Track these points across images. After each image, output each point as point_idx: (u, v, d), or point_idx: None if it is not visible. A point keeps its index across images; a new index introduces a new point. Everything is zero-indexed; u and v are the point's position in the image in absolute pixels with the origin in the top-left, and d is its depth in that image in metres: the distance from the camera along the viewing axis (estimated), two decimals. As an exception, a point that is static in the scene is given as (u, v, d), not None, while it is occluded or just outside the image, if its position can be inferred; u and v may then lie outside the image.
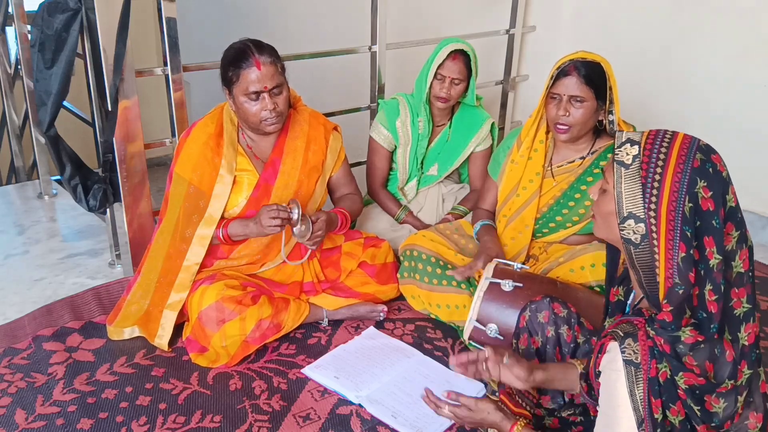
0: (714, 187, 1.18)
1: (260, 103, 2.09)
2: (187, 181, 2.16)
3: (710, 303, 1.19)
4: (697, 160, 1.19)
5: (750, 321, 1.21)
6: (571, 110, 2.11)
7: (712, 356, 1.20)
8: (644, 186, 1.21)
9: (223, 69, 2.12)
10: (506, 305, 1.96)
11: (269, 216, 2.06)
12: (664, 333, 1.21)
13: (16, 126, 3.43)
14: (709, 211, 1.17)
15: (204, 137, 2.17)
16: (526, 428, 1.45)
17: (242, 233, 2.17)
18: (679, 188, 1.18)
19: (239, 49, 2.09)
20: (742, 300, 1.21)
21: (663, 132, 1.25)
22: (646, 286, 1.24)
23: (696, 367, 1.20)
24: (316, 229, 2.16)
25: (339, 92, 3.84)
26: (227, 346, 2.06)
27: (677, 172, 1.19)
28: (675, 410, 1.22)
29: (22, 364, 2.05)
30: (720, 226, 1.18)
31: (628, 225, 1.21)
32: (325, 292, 2.32)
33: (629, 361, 1.22)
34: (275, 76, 2.08)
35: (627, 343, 1.23)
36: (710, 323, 1.19)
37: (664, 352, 1.21)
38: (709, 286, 1.18)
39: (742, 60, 2.89)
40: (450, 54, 2.51)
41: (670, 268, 1.19)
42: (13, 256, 2.76)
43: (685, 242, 1.18)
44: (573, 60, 2.10)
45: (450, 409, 1.52)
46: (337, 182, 2.44)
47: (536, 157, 2.29)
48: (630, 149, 1.24)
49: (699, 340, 1.19)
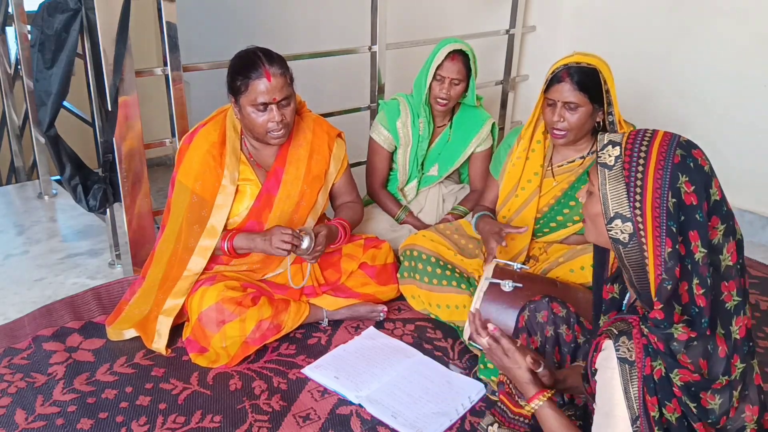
0: (696, 181, 1.19)
1: (267, 114, 2.05)
2: (190, 189, 2.12)
3: (698, 297, 1.20)
4: (678, 156, 1.20)
5: (741, 314, 1.22)
6: (566, 116, 2.11)
7: (705, 353, 1.20)
8: (628, 185, 1.22)
9: (231, 77, 2.07)
10: (506, 305, 1.96)
11: (282, 239, 2.04)
12: (657, 331, 1.22)
13: (16, 126, 3.42)
14: (693, 205, 1.19)
15: (206, 145, 2.14)
16: (549, 401, 1.41)
17: (247, 247, 2.15)
18: (662, 185, 1.19)
19: (249, 59, 2.04)
20: (732, 293, 1.22)
21: (643, 131, 1.27)
22: (637, 285, 1.25)
23: (690, 365, 1.20)
24: (317, 245, 2.13)
25: (339, 92, 3.85)
26: (227, 347, 2.06)
27: (658, 169, 1.20)
28: (671, 407, 1.23)
29: (22, 364, 2.05)
30: (704, 220, 1.19)
31: (615, 225, 1.23)
32: (325, 293, 2.32)
33: (624, 359, 1.22)
34: (284, 88, 2.05)
35: (621, 341, 1.24)
36: (701, 318, 1.20)
37: (658, 350, 1.22)
38: (696, 280, 1.19)
39: (743, 60, 2.89)
40: (449, 54, 2.51)
41: (658, 264, 1.20)
42: (13, 256, 2.76)
43: (670, 237, 1.19)
44: (567, 65, 2.08)
45: (488, 341, 1.50)
46: (339, 190, 2.41)
47: (534, 156, 2.29)
48: (612, 150, 1.25)
49: (692, 337, 1.20)
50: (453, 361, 2.13)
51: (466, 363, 2.12)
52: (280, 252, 2.07)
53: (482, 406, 1.92)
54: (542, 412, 1.41)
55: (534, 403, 1.42)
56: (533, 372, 1.46)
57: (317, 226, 2.23)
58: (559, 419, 1.39)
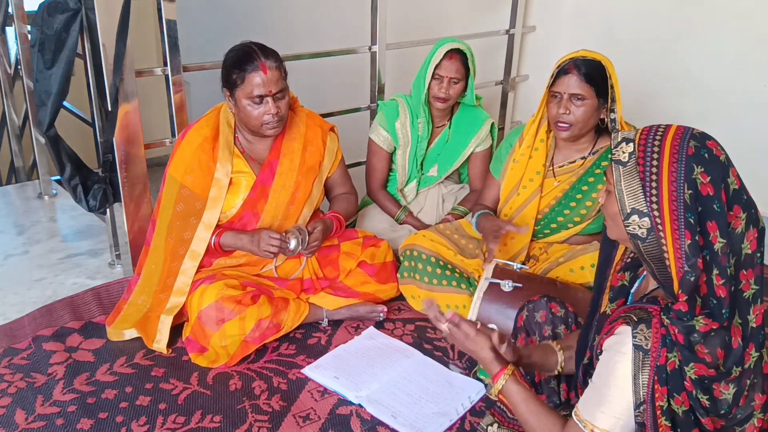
0: (712, 171, 1.19)
1: (263, 107, 2.09)
2: (180, 183, 2.16)
3: (718, 288, 1.20)
4: (692, 148, 1.20)
5: (758, 303, 1.22)
6: (572, 108, 2.11)
7: (723, 343, 1.21)
8: (643, 180, 1.22)
9: (226, 71, 2.11)
10: (506, 305, 1.96)
11: (269, 243, 2.12)
12: (679, 323, 1.22)
13: (16, 126, 3.42)
14: (709, 195, 1.18)
15: (199, 140, 2.17)
16: (512, 377, 1.42)
17: (233, 245, 2.20)
18: (677, 177, 1.19)
19: (244, 52, 2.08)
20: (750, 282, 1.22)
21: (656, 127, 1.27)
22: (660, 277, 1.25)
23: (708, 355, 1.20)
24: (312, 240, 2.22)
25: (339, 92, 3.84)
26: (227, 346, 2.06)
27: (673, 162, 1.20)
28: (679, 400, 1.23)
29: (22, 364, 2.05)
30: (721, 210, 1.18)
31: (633, 221, 1.23)
32: (324, 291, 2.32)
33: (639, 346, 1.23)
34: (279, 80, 2.09)
35: (640, 329, 1.24)
36: (721, 308, 1.20)
37: (677, 342, 1.22)
38: (716, 270, 1.19)
39: (743, 60, 2.89)
40: (446, 54, 2.51)
41: (679, 257, 1.20)
42: (13, 256, 2.76)
43: (689, 229, 1.19)
44: (574, 58, 2.10)
45: (448, 326, 1.51)
46: (334, 182, 2.46)
47: (537, 156, 2.29)
48: (626, 147, 1.26)
49: (713, 328, 1.20)
50: (453, 361, 2.13)
51: (466, 363, 2.12)
52: (267, 255, 2.14)
53: (482, 406, 1.92)
54: (507, 387, 1.42)
55: (499, 379, 1.43)
56: (495, 351, 1.47)
57: (313, 222, 2.28)
58: (523, 392, 1.41)
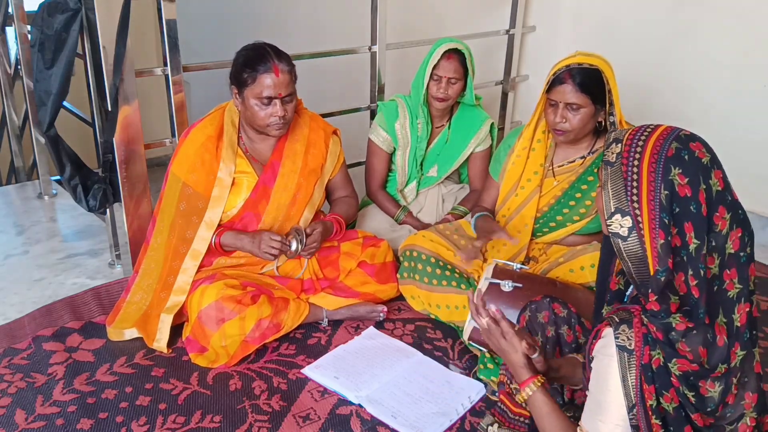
0: (690, 173, 1.19)
1: (271, 108, 2.10)
2: (182, 181, 2.16)
3: (693, 288, 1.21)
4: (672, 149, 1.21)
5: (742, 301, 1.22)
6: (568, 116, 2.11)
7: (705, 341, 1.21)
8: (625, 180, 1.23)
9: (237, 69, 2.10)
10: (506, 306, 1.96)
11: (270, 245, 2.12)
12: (655, 321, 1.23)
13: (16, 126, 3.42)
14: (687, 197, 1.19)
15: (202, 138, 2.18)
16: (541, 388, 1.41)
17: (234, 246, 2.20)
18: (655, 178, 1.20)
19: (258, 53, 2.08)
20: (734, 281, 1.22)
21: (645, 127, 1.27)
22: (637, 277, 1.25)
23: (689, 353, 1.21)
24: (311, 242, 2.22)
25: (339, 92, 3.84)
26: (227, 346, 2.06)
27: (652, 162, 1.21)
28: (668, 397, 1.24)
29: (22, 364, 2.05)
30: (698, 211, 1.19)
31: (615, 219, 1.24)
32: (324, 291, 2.32)
33: (622, 347, 1.24)
34: (290, 84, 2.10)
35: (621, 329, 1.25)
36: (698, 308, 1.21)
37: (657, 339, 1.23)
38: (691, 271, 1.20)
39: (743, 60, 2.89)
40: (445, 54, 2.52)
41: (655, 256, 1.21)
42: (13, 256, 2.76)
43: (663, 229, 1.20)
44: (569, 66, 2.08)
45: (487, 322, 1.50)
46: (335, 185, 2.47)
47: (534, 155, 2.29)
48: (615, 148, 1.27)
49: (689, 327, 1.21)
50: (453, 361, 2.13)
51: (466, 363, 2.12)
52: (267, 257, 2.14)
53: (482, 406, 1.92)
54: (534, 397, 1.42)
55: (527, 387, 1.42)
56: (528, 357, 1.47)
57: (313, 223, 2.28)
58: (549, 404, 1.40)
